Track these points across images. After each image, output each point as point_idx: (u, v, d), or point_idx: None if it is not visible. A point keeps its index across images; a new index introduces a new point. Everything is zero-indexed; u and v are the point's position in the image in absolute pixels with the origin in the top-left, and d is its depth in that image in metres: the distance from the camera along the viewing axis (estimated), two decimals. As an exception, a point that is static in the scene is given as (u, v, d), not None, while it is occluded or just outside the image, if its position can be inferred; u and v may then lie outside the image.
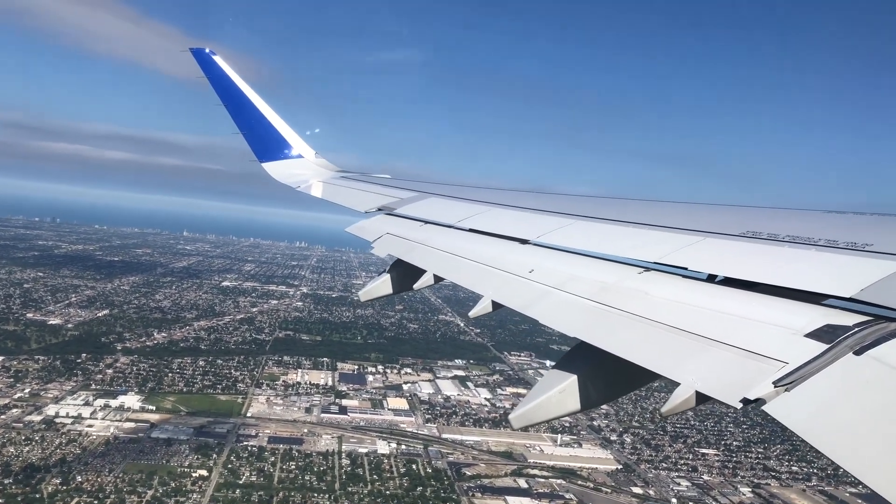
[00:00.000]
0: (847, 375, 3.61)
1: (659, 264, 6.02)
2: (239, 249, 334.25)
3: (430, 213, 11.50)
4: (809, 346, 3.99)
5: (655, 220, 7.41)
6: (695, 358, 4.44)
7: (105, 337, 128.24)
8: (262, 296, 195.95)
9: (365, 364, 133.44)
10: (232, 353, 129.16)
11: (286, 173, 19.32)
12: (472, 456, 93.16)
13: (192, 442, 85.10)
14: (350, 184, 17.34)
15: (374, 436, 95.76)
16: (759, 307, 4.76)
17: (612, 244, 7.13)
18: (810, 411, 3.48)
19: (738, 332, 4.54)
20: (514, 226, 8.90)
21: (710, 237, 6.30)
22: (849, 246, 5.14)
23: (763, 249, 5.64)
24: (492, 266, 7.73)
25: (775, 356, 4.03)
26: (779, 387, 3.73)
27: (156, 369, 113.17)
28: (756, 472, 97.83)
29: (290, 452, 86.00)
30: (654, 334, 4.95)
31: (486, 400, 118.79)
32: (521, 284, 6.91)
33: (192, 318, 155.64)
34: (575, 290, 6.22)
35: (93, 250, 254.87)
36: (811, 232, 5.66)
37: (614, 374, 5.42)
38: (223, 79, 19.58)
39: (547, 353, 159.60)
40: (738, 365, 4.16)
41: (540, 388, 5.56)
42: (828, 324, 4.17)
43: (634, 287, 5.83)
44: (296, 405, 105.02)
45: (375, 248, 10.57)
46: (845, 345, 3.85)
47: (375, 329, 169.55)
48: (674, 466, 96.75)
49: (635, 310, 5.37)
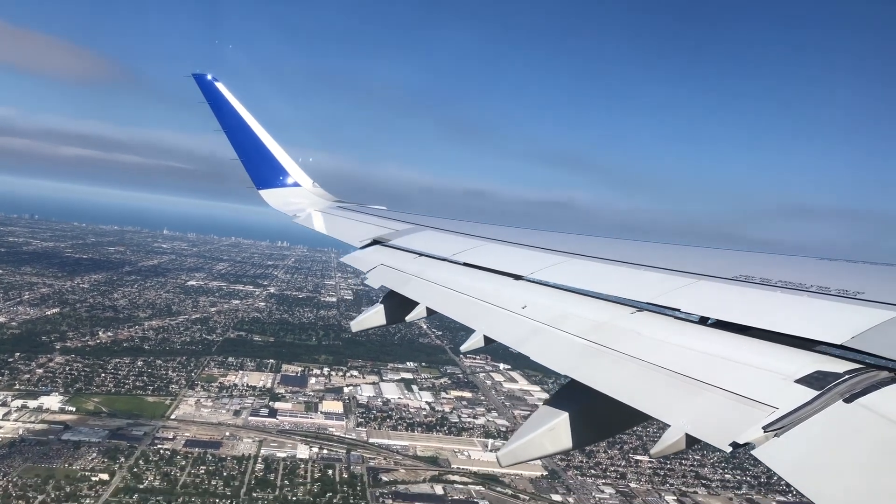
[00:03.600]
0: (836, 423, 3.64)
1: (652, 305, 6.08)
2: (217, 248, 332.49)
3: (425, 246, 11.59)
4: (800, 391, 4.02)
5: (649, 261, 7.46)
6: (686, 400, 4.47)
7: (46, 336, 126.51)
8: (226, 295, 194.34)
9: (311, 366, 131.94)
10: (175, 354, 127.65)
11: (283, 201, 19.76)
12: (395, 461, 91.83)
13: (104, 445, 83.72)
14: (346, 214, 17.65)
15: (297, 440, 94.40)
16: (751, 351, 4.80)
17: (605, 283, 7.17)
18: (799, 457, 3.53)
19: (729, 375, 4.57)
20: (508, 261, 8.93)
21: (704, 279, 6.38)
22: (840, 293, 5.20)
23: (755, 294, 5.71)
24: (485, 301, 7.80)
25: (766, 401, 4.06)
26: (768, 432, 3.74)
27: (89, 370, 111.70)
28: (687, 479, 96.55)
29: (205, 456, 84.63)
30: (646, 375, 4.98)
31: (427, 404, 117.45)
32: (513, 320, 6.95)
33: (145, 317, 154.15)
34: (567, 327, 6.25)
35: (63, 248, 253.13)
36: (803, 278, 5.71)
37: (605, 413, 5.41)
38: (223, 105, 19.82)
39: (504, 356, 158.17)
40: (728, 408, 4.18)
41: (530, 425, 5.54)
42: (818, 370, 4.20)
43: (627, 327, 5.88)
44: (225, 408, 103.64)
45: (369, 278, 10.70)
46: (835, 392, 3.87)
47: (334, 330, 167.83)
48: (603, 473, 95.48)
49: (627, 350, 5.41)
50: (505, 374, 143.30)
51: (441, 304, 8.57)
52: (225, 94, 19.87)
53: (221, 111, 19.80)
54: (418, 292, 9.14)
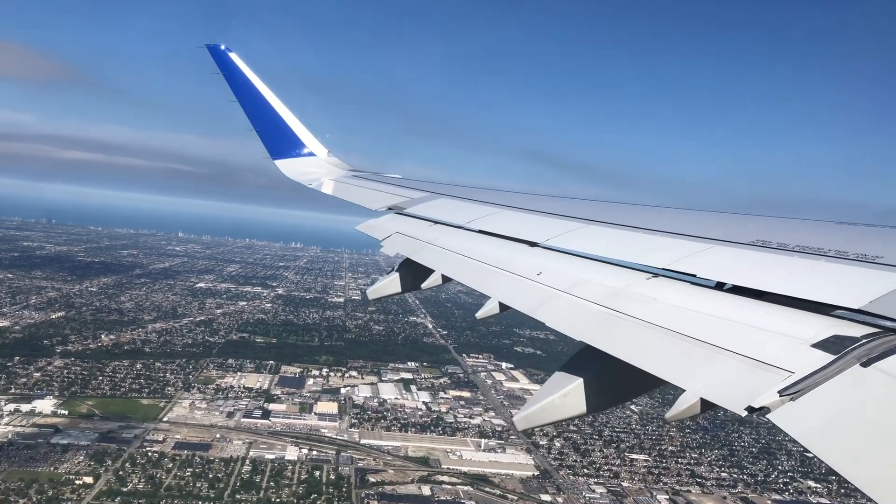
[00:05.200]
0: (853, 387, 3.63)
1: (668, 270, 6.07)
2: (230, 250, 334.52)
3: (440, 214, 11.70)
4: (816, 356, 4.00)
5: (665, 227, 7.48)
6: (701, 365, 4.46)
7: (48, 340, 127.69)
8: (233, 297, 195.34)
9: (311, 367, 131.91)
10: (175, 356, 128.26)
11: (298, 171, 19.70)
12: (384, 462, 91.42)
13: (92, 448, 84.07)
14: (361, 183, 17.62)
15: (288, 441, 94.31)
16: (767, 316, 4.77)
17: (621, 249, 7.18)
18: (815, 421, 3.52)
19: (745, 340, 4.55)
20: (523, 228, 9.02)
21: (720, 245, 6.36)
22: (858, 257, 5.17)
23: (772, 259, 5.69)
24: (500, 268, 7.84)
25: (782, 365, 4.04)
26: (784, 396, 3.74)
27: (87, 373, 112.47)
28: (681, 478, 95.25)
29: (192, 459, 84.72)
30: (661, 340, 4.97)
31: (424, 404, 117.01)
32: (529, 287, 6.99)
33: (150, 320, 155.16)
34: (583, 294, 6.27)
35: (77, 251, 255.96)
36: (821, 242, 5.68)
37: (620, 379, 5.42)
38: (238, 75, 19.83)
39: (508, 355, 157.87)
40: (744, 373, 4.17)
41: (545, 390, 5.59)
42: (835, 335, 4.17)
43: (643, 293, 5.88)
44: (219, 409, 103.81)
45: (385, 246, 10.77)
46: (852, 356, 3.85)
47: (337, 331, 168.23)
48: (596, 472, 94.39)
49: (643, 315, 5.42)
50: (507, 373, 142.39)
51: (456, 271, 8.59)
52: (238, 65, 19.86)
53: (236, 82, 19.82)
54: (434, 260, 9.17)
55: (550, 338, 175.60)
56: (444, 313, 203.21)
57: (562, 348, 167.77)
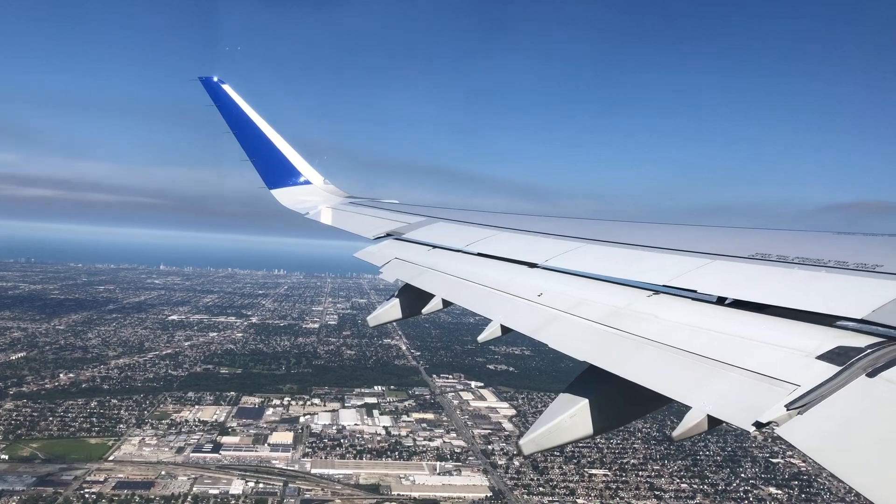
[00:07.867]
0: (861, 397, 3.59)
1: (668, 287, 6.06)
2: (210, 281, 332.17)
3: (439, 238, 11.71)
4: (822, 368, 3.97)
5: (663, 243, 7.49)
6: (706, 381, 4.42)
7: (3, 382, 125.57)
8: (204, 328, 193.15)
9: (272, 396, 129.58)
10: (134, 392, 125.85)
11: (295, 200, 19.68)
12: (333, 491, 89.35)
13: (27, 493, 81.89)
14: (358, 209, 17.58)
15: (235, 475, 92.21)
16: (770, 329, 4.74)
17: (620, 267, 7.20)
18: (824, 434, 3.49)
19: (750, 354, 4.50)
20: (522, 249, 9.00)
21: (719, 259, 6.35)
22: (859, 267, 5.17)
23: (772, 271, 5.67)
24: (500, 290, 7.83)
25: (787, 379, 4.01)
26: (791, 410, 3.70)
27: (37, 414, 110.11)
28: (639, 491, 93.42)
29: (132, 498, 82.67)
30: (665, 358, 4.93)
31: (384, 428, 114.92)
32: (530, 308, 6.96)
33: (115, 355, 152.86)
34: (584, 313, 6.25)
35: (51, 289, 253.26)
36: (820, 253, 5.71)
37: (625, 398, 5.37)
38: (232, 107, 20.00)
39: (479, 374, 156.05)
40: (749, 388, 4.12)
41: (550, 413, 5.51)
42: (840, 346, 4.14)
43: (644, 310, 5.84)
44: (169, 445, 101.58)
45: (384, 272, 10.71)
46: (858, 367, 3.83)
47: (307, 357, 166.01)
48: (552, 490, 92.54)
49: (646, 333, 5.38)
50: (476, 392, 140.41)
51: (457, 294, 8.57)
52: (232, 96, 19.98)
53: (229, 113, 19.92)
54: (434, 284, 9.14)
55: (526, 353, 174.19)
56: (421, 334, 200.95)
57: (535, 364, 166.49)
